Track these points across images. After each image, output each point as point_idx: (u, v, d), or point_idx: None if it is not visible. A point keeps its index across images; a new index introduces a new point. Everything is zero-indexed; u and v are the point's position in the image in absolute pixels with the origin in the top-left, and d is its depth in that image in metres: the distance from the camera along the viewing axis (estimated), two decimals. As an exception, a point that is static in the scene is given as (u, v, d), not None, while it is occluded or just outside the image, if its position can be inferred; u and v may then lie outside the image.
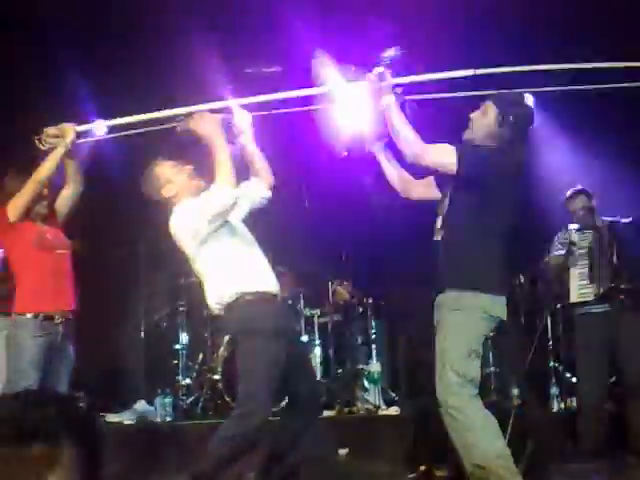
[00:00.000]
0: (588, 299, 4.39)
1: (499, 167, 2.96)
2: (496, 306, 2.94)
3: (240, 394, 2.97)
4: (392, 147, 3.23)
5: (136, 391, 5.73)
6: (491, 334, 3.06)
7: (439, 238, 3.05)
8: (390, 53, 3.08)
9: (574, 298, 4.47)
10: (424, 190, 3.28)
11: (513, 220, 3.06)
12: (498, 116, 3.04)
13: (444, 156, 2.95)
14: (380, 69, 3.07)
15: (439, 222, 3.08)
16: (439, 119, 3.78)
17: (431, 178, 3.26)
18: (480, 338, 2.92)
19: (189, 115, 3.25)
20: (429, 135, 3.02)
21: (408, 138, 2.97)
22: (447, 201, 3.08)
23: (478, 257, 2.93)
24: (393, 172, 3.33)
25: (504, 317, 3.01)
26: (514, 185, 3.04)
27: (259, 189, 3.34)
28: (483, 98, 3.16)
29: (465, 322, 2.89)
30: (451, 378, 2.83)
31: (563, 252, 4.48)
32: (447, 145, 2.98)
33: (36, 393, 1.11)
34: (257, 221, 3.39)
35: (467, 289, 2.91)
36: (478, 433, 2.80)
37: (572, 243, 4.47)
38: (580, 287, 4.44)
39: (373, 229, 5.88)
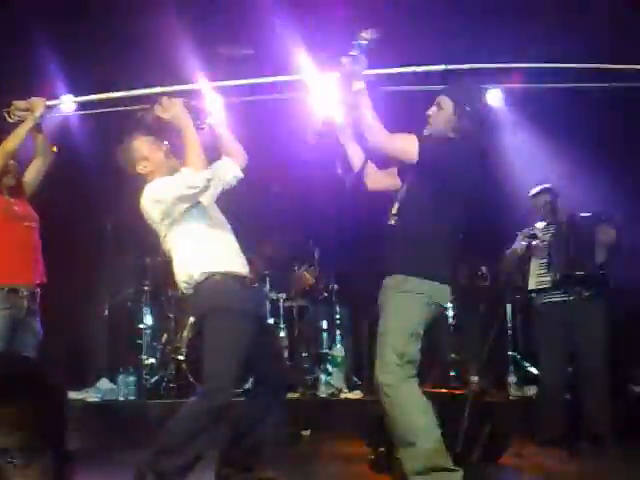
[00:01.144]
0: (545, 287, 4.53)
1: (456, 158, 3.01)
2: (440, 293, 3.01)
3: (205, 372, 2.99)
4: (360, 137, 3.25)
5: (99, 369, 5.71)
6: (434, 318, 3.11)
7: (393, 223, 3.10)
8: (365, 36, 3.06)
9: (532, 285, 4.62)
10: (387, 181, 3.31)
11: (470, 210, 3.11)
12: (454, 108, 3.09)
13: (406, 145, 3.00)
14: (354, 53, 3.07)
15: (395, 208, 3.13)
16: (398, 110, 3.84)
17: (394, 169, 3.30)
18: (422, 321, 2.98)
19: (155, 103, 3.23)
20: (390, 126, 3.07)
21: (373, 126, 3.00)
22: (405, 188, 3.13)
23: (427, 244, 2.99)
24: (358, 162, 3.37)
25: (446, 304, 3.13)
26: (472, 176, 3.08)
27: (231, 169, 3.34)
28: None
29: (408, 304, 2.95)
30: (390, 357, 2.89)
31: (524, 243, 4.61)
32: (410, 135, 3.02)
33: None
34: (226, 205, 3.41)
35: (413, 274, 2.97)
36: (410, 412, 2.86)
37: (533, 236, 4.60)
38: (538, 275, 4.59)
39: (340, 214, 5.92)
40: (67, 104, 4.35)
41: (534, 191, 4.70)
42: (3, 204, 3.54)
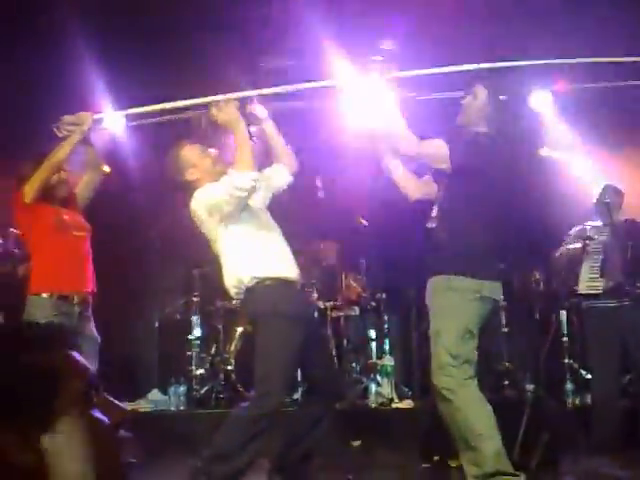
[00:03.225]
0: (596, 292, 4.38)
1: (489, 152, 2.97)
2: (487, 287, 2.93)
3: (256, 377, 2.97)
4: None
5: (150, 380, 5.76)
6: (487, 315, 3.01)
7: (432, 225, 3.05)
8: (386, 46, 3.06)
9: (582, 289, 4.47)
10: (426, 189, 3.28)
11: (506, 204, 3.05)
12: (489, 98, 3.04)
13: (435, 149, 2.99)
14: (379, 63, 3.06)
15: (434, 211, 3.09)
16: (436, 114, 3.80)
17: (429, 177, 3.28)
18: (474, 319, 2.91)
19: (211, 104, 3.26)
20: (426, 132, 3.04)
21: (403, 135, 3.00)
22: (441, 191, 3.11)
23: (466, 243, 2.95)
24: (399, 174, 3.33)
25: (498, 298, 3.03)
26: (509, 167, 3.03)
27: (281, 174, 3.36)
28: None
29: (457, 303, 2.89)
30: (445, 359, 2.82)
31: (578, 245, 4.47)
32: (439, 140, 3.00)
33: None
34: (274, 211, 3.41)
35: (457, 273, 2.91)
36: (472, 416, 2.78)
37: (589, 238, 4.45)
38: (590, 279, 4.42)
39: (387, 222, 5.87)
40: (115, 118, 4.42)
41: (597, 186, 4.55)
42: (53, 214, 3.60)
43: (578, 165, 5.57)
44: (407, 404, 5.34)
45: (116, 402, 1.08)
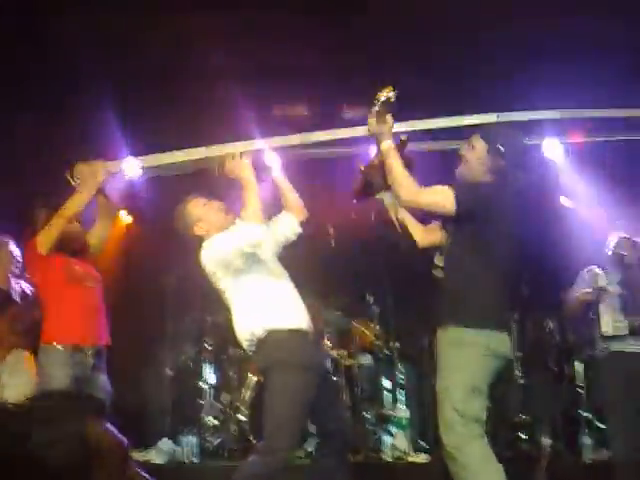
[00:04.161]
0: (622, 333, 4.31)
1: (492, 201, 2.95)
2: (497, 342, 2.89)
3: (265, 430, 2.94)
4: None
5: (161, 429, 5.69)
6: (497, 372, 2.96)
7: (439, 275, 3.03)
8: (385, 94, 3.07)
9: (609, 332, 4.38)
10: (433, 236, 3.27)
11: (515, 254, 3.02)
12: (487, 147, 3.03)
13: (438, 197, 2.96)
14: (375, 111, 3.07)
15: (439, 260, 3.07)
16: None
17: (437, 223, 3.27)
18: (482, 374, 2.86)
19: (224, 159, 3.29)
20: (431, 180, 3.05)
21: (402, 182, 2.99)
22: (448, 239, 3.09)
23: (474, 293, 2.91)
24: (403, 221, 3.35)
25: (508, 354, 2.97)
26: (513, 217, 3.01)
27: (290, 224, 3.39)
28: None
29: (465, 358, 2.84)
30: (452, 416, 2.76)
31: (591, 291, 4.43)
32: (441, 186, 2.99)
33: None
34: (286, 259, 3.41)
35: (465, 326, 2.87)
36: (476, 473, 2.71)
37: (602, 289, 4.41)
38: (614, 321, 4.36)
39: (401, 270, 5.85)
40: (131, 165, 4.47)
41: (615, 239, 4.53)
42: (65, 265, 3.63)
43: (592, 215, 5.55)
44: (423, 458, 5.22)
45: (144, 475, 1.06)
